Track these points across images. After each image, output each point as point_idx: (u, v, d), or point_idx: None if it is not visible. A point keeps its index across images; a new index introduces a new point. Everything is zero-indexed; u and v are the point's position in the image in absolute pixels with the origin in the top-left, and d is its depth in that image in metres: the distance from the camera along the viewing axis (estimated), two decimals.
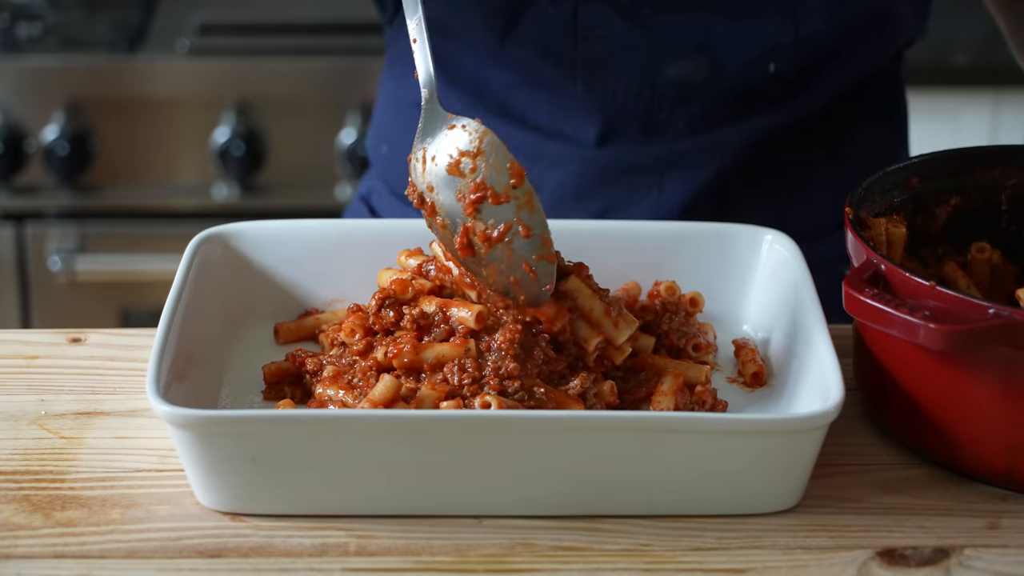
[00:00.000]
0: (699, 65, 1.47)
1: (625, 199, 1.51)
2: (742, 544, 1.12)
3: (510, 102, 1.52)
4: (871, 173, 1.27)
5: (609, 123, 1.49)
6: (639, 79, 1.47)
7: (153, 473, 1.19)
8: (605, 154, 1.49)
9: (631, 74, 1.47)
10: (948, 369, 1.15)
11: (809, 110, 1.52)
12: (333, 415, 1.13)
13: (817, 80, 1.51)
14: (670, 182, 1.50)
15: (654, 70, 1.47)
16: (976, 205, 1.35)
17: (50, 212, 2.67)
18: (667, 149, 1.49)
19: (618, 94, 1.48)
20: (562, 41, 1.47)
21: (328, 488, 1.13)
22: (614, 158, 1.49)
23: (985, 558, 1.11)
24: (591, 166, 1.49)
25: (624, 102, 1.48)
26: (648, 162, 1.49)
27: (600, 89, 1.47)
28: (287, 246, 1.36)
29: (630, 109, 1.48)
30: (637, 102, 1.48)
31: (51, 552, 1.10)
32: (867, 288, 1.14)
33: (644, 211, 1.51)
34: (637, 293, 1.34)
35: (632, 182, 1.50)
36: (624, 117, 1.49)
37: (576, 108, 1.50)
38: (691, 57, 1.46)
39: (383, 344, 1.22)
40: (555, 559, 1.10)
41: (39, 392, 1.29)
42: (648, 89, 1.47)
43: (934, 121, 2.60)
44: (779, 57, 1.47)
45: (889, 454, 1.22)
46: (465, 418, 1.12)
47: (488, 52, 1.49)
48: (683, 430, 1.12)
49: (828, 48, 1.49)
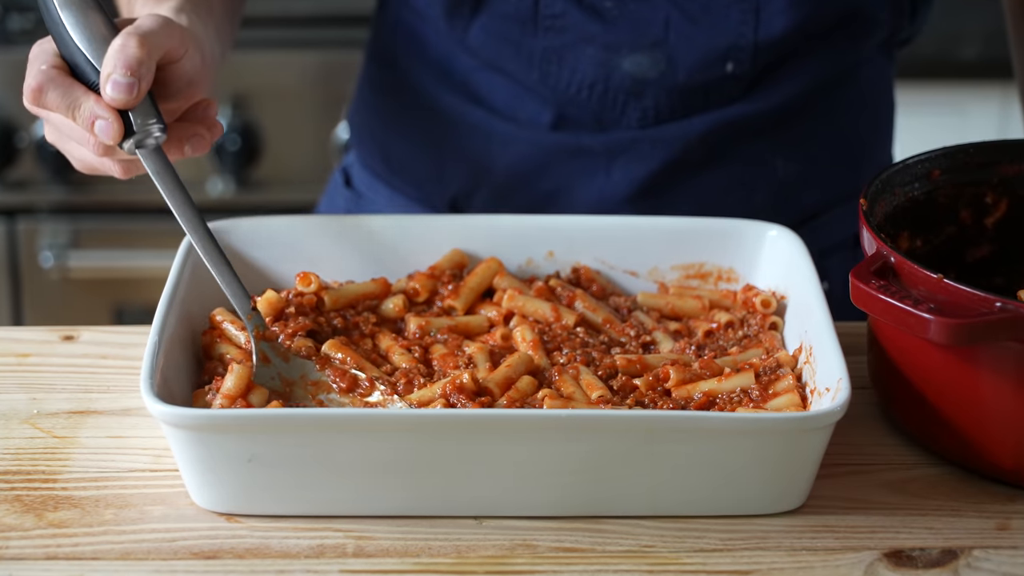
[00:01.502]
0: (654, 61, 1.48)
1: (573, 182, 1.53)
2: (747, 545, 1.11)
3: (473, 84, 1.55)
4: (822, 172, 1.26)
5: (561, 113, 1.51)
6: (593, 72, 1.49)
7: (147, 473, 1.18)
8: (556, 138, 1.52)
9: (586, 66, 1.49)
10: (958, 365, 1.15)
11: (766, 107, 1.53)
12: (331, 414, 1.12)
13: (776, 79, 1.52)
14: (618, 169, 1.52)
15: (609, 64, 1.49)
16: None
17: (42, 207, 2.66)
18: (617, 137, 1.51)
19: (572, 86, 1.50)
20: (523, 30, 1.49)
21: (325, 488, 1.12)
22: (564, 142, 1.52)
23: (994, 559, 1.10)
24: (541, 148, 1.52)
25: (577, 94, 1.50)
26: (597, 148, 1.52)
27: (555, 80, 1.50)
28: (283, 241, 1.35)
29: (582, 101, 1.50)
30: (590, 94, 1.50)
31: (43, 554, 1.09)
32: (874, 280, 1.14)
33: (590, 194, 1.53)
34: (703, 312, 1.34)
35: (580, 165, 1.52)
36: (576, 108, 1.51)
37: (531, 96, 1.53)
38: (647, 52, 1.48)
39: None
40: (556, 560, 1.10)
41: (31, 391, 1.28)
42: (602, 82, 1.49)
43: (942, 115, 2.60)
44: (737, 57, 1.48)
45: (897, 453, 1.22)
46: (465, 417, 1.11)
47: (454, 36, 1.52)
48: (686, 429, 1.11)
49: (788, 48, 1.49)
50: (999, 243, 1.36)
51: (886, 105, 1.64)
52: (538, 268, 1.37)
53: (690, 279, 1.36)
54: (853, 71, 1.56)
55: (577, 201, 1.53)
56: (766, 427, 1.11)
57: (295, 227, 1.36)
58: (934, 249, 1.33)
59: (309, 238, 1.36)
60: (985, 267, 1.35)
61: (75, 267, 2.66)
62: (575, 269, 1.36)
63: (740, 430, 1.10)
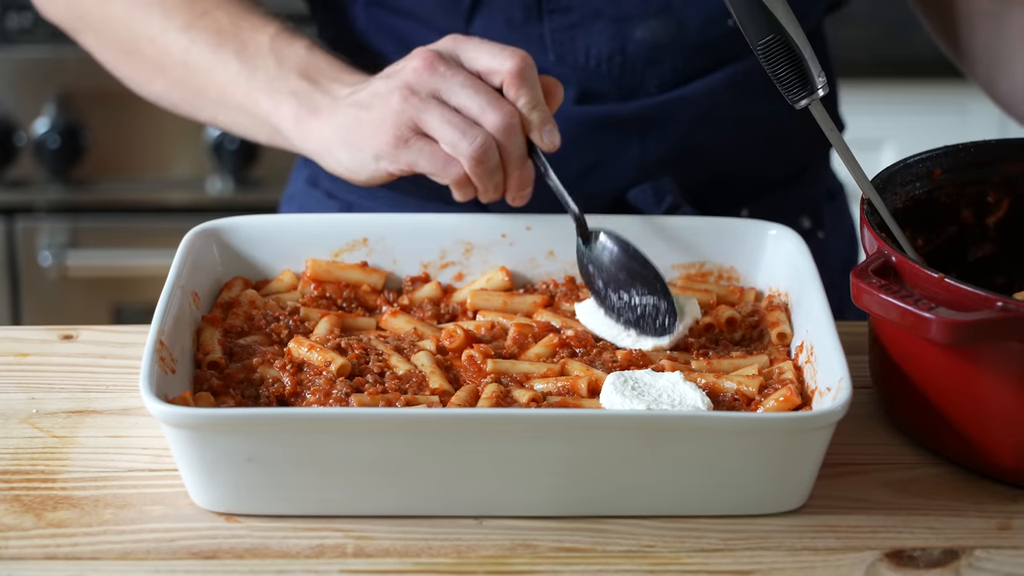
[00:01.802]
0: (666, 24, 1.50)
1: (609, 153, 1.53)
2: (747, 545, 1.11)
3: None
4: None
5: (585, 89, 1.52)
6: (609, 45, 1.50)
7: (146, 473, 1.18)
8: (585, 112, 1.52)
9: (600, 41, 1.50)
10: (959, 364, 1.14)
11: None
12: (331, 413, 1.12)
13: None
14: (653, 135, 1.53)
15: (622, 34, 1.50)
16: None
17: (41, 206, 2.66)
18: (644, 104, 1.53)
19: (590, 62, 1.51)
20: (528, 16, 1.50)
21: (325, 488, 1.12)
22: (593, 113, 1.53)
23: (996, 560, 1.10)
24: (572, 125, 1.51)
25: (597, 68, 1.51)
26: (628, 116, 1.53)
27: (572, 58, 1.51)
28: (282, 241, 1.35)
29: (603, 74, 1.51)
30: (610, 67, 1.51)
31: (42, 554, 1.09)
32: (875, 279, 1.14)
33: (631, 162, 1.53)
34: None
35: (614, 136, 1.53)
36: (599, 81, 1.52)
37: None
38: (657, 18, 1.50)
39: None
40: (557, 561, 1.09)
41: (30, 390, 1.28)
42: (619, 53, 1.50)
43: (943, 113, 2.60)
44: None
45: (898, 453, 1.21)
46: (464, 416, 1.11)
47: (452, 32, 1.51)
48: (687, 429, 1.10)
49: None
50: (1001, 242, 1.35)
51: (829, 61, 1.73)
52: (539, 267, 1.36)
53: (691, 279, 1.35)
54: (820, 23, 1.65)
55: (618, 171, 1.54)
56: (767, 427, 1.10)
57: (294, 225, 1.35)
58: (935, 249, 1.33)
59: (308, 237, 1.35)
60: (987, 267, 1.35)
61: (74, 266, 2.65)
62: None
63: (741, 430, 1.10)
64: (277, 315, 1.29)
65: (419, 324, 1.29)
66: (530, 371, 1.22)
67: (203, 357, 1.22)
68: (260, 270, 1.35)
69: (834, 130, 1.23)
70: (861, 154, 1.29)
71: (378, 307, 1.33)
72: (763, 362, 1.25)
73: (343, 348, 1.24)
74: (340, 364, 1.21)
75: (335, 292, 1.32)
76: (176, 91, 1.46)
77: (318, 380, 1.20)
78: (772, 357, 1.25)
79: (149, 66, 1.46)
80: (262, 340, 1.26)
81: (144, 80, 1.48)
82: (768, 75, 1.22)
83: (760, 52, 1.20)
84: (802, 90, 1.21)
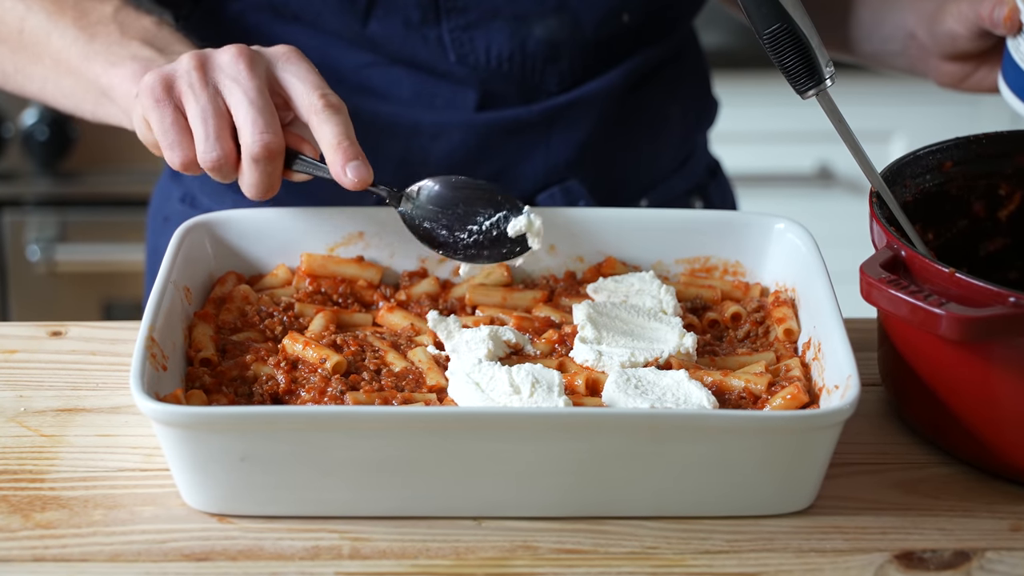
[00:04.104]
0: (563, 22, 1.51)
1: (514, 158, 1.54)
2: (753, 547, 1.10)
3: (368, 81, 1.52)
4: (702, 106, 1.28)
5: (486, 91, 1.52)
6: (508, 43, 1.51)
7: (137, 472, 1.17)
8: (487, 118, 1.53)
9: (500, 40, 1.51)
10: (971, 361, 1.13)
11: (662, 55, 1.60)
12: (326, 412, 1.11)
13: (665, 27, 1.59)
14: (556, 137, 1.54)
15: (521, 33, 1.51)
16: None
17: (29, 200, 2.65)
18: (546, 106, 1.54)
19: (491, 61, 1.51)
20: (425, 16, 1.49)
21: (320, 488, 1.11)
22: (496, 120, 1.53)
23: (1008, 561, 1.09)
24: (475, 132, 1.52)
25: (498, 68, 1.51)
26: (532, 120, 1.54)
27: (474, 58, 1.51)
28: (276, 234, 1.34)
29: (504, 74, 1.52)
30: (511, 66, 1.52)
31: (30, 555, 1.08)
32: (884, 274, 1.13)
33: (536, 167, 1.54)
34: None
35: (518, 141, 1.54)
36: (500, 82, 1.52)
37: (445, 81, 1.53)
38: (554, 15, 1.51)
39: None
40: (557, 562, 1.08)
41: (18, 388, 1.27)
42: (519, 52, 1.51)
43: (954, 104, 2.60)
44: (630, 8, 1.53)
45: (908, 452, 1.21)
46: (464, 414, 1.10)
47: (346, 35, 1.50)
48: (691, 428, 1.09)
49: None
50: (1013, 236, 1.34)
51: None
52: (540, 262, 1.35)
53: (696, 273, 1.34)
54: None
55: (523, 176, 1.54)
56: (774, 426, 1.09)
57: (286, 219, 1.35)
58: (946, 243, 1.32)
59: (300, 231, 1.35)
60: (999, 261, 1.34)
61: (63, 261, 2.65)
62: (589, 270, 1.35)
63: (747, 429, 1.09)
64: (271, 311, 1.28)
65: (416, 320, 1.28)
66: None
67: (195, 354, 1.22)
68: (254, 265, 1.34)
69: (842, 121, 1.21)
70: (870, 146, 1.29)
71: (375, 303, 1.32)
72: (769, 359, 1.23)
73: (339, 345, 1.23)
74: (335, 361, 1.20)
75: (330, 287, 1.32)
76: (10, 60, 1.41)
77: (313, 378, 1.19)
78: (778, 354, 1.24)
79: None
80: (256, 336, 1.26)
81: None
82: (775, 65, 1.20)
83: (766, 41, 1.19)
84: (809, 80, 1.20)
